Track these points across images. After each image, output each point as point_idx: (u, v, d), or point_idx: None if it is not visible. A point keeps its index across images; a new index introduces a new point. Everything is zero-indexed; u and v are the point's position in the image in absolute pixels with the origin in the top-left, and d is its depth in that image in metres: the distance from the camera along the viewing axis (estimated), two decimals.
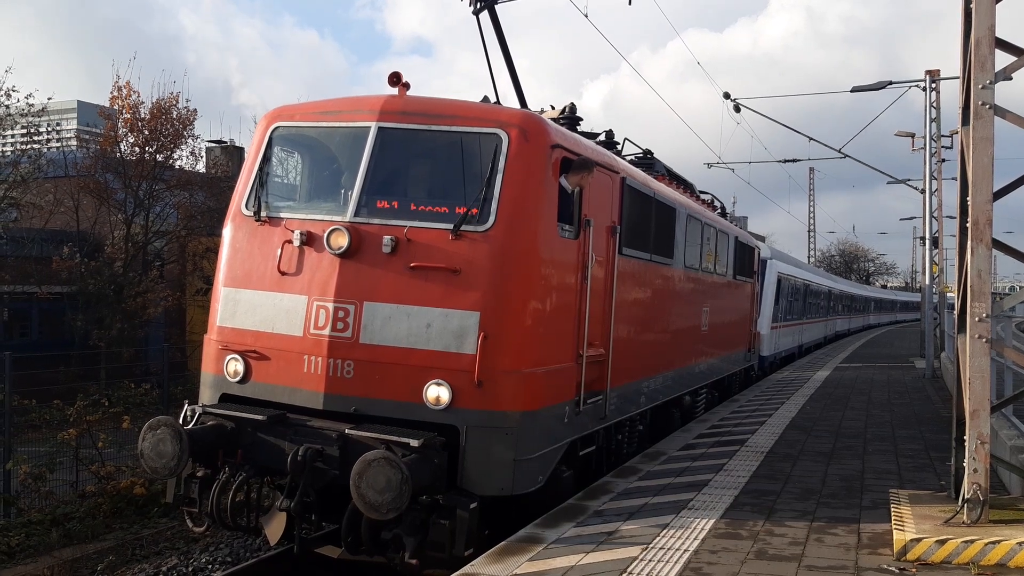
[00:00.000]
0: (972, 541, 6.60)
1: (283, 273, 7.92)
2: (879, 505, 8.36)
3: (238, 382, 8.09)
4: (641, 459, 10.88)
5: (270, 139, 8.58)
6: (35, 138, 26.91)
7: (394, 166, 8.06)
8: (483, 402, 7.30)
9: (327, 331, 7.57)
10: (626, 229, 9.76)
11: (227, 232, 8.50)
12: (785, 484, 9.38)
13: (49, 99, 25.80)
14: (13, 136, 27.96)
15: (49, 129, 32.00)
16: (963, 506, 7.21)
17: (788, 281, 28.99)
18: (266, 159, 8.51)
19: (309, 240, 7.85)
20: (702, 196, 16.30)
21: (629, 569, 6.30)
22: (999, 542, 6.56)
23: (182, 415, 7.92)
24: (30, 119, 25.26)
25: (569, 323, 8.35)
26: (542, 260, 7.81)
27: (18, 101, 24.39)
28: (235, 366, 8.10)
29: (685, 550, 6.80)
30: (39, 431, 14.91)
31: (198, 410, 7.93)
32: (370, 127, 7.99)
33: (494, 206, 7.59)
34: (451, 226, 7.55)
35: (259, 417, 7.60)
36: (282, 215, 8.21)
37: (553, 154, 8.04)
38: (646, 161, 13.16)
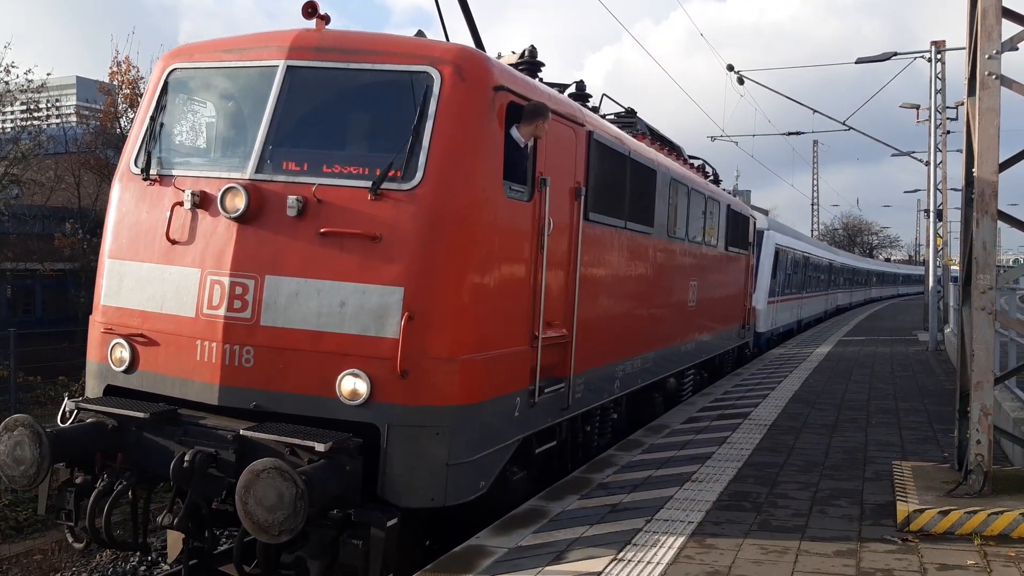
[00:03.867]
0: (975, 512, 6.63)
1: (173, 242, 6.73)
2: (882, 477, 8.39)
3: (124, 371, 6.92)
4: (644, 432, 10.92)
5: (165, 83, 7.31)
6: (35, 114, 26.85)
7: (306, 112, 6.89)
8: (408, 396, 6.20)
9: (222, 311, 6.41)
10: (594, 192, 8.62)
11: (114, 194, 7.30)
12: (788, 456, 9.42)
13: (48, 75, 25.73)
14: (13, 112, 27.88)
15: (49, 105, 31.89)
16: (966, 477, 7.24)
17: (786, 253, 27.98)
18: (160, 107, 7.25)
19: (203, 202, 6.64)
20: (692, 162, 15.30)
21: (633, 541, 6.34)
22: (1002, 513, 6.58)
23: (60, 411, 6.87)
24: (29, 95, 25.19)
25: (521, 300, 7.22)
26: (483, 224, 6.64)
27: (17, 77, 24.32)
28: (120, 352, 6.92)
29: (689, 522, 6.84)
30: (44, 407, 14.99)
31: (78, 405, 6.77)
32: (278, 66, 6.77)
33: (422, 159, 6.40)
34: (370, 184, 6.36)
35: (140, 414, 6.40)
36: (174, 173, 6.96)
37: (497, 98, 6.83)
38: (626, 120, 12.03)
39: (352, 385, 6.24)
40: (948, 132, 28.87)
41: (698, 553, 6.11)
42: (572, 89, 9.80)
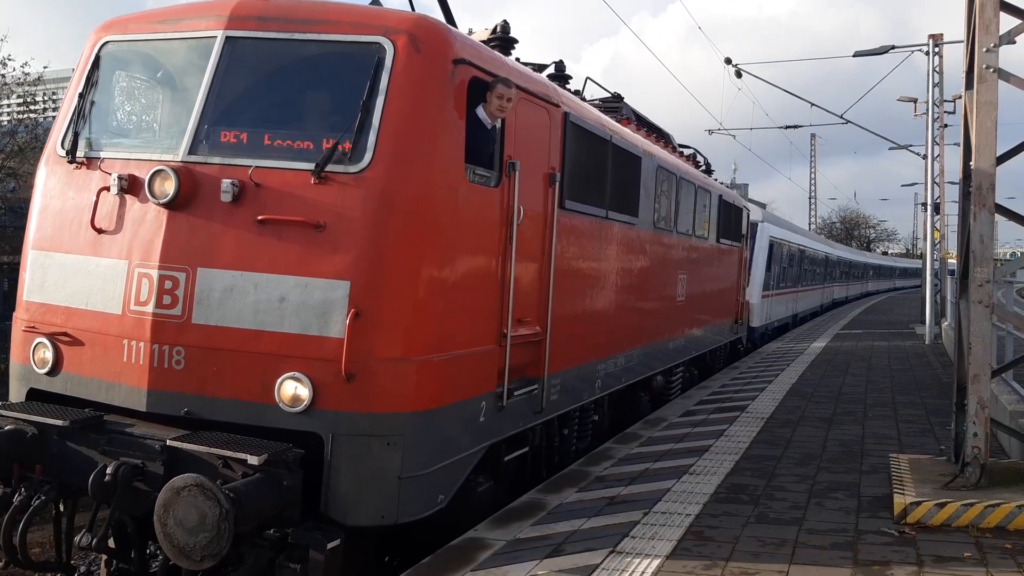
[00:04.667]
0: (971, 504, 6.65)
1: (99, 231, 6.14)
2: (879, 470, 8.42)
3: (47, 373, 6.31)
4: (642, 425, 10.94)
5: (96, 58, 6.72)
6: (32, 107, 26.82)
7: (246, 88, 6.29)
8: (355, 401, 5.64)
9: (150, 308, 5.82)
10: (570, 178, 8.05)
11: (39, 178, 6.74)
12: (786, 449, 9.44)
13: (45, 67, 25.70)
14: (9, 106, 27.85)
15: (45, 98, 31.87)
16: (963, 470, 7.26)
17: (781, 246, 27.35)
18: (90, 84, 6.67)
19: (131, 187, 6.05)
20: (683, 151, 14.75)
21: (631, 533, 6.36)
22: (998, 505, 6.61)
23: None
24: (26, 88, 25.16)
25: (486, 295, 6.64)
26: (441, 211, 6.05)
27: (14, 70, 24.29)
28: (43, 353, 6.31)
29: (687, 514, 6.86)
30: None
31: None
32: (215, 37, 6.18)
33: (372, 139, 5.82)
34: (312, 166, 5.77)
35: (60, 422, 5.79)
36: (102, 155, 6.37)
37: (458, 72, 6.23)
38: (611, 105, 11.49)
39: (293, 390, 5.66)
40: (946, 126, 28.92)
41: (696, 546, 6.13)
42: (551, 70, 9.19)
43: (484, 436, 6.69)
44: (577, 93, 9.68)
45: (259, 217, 5.80)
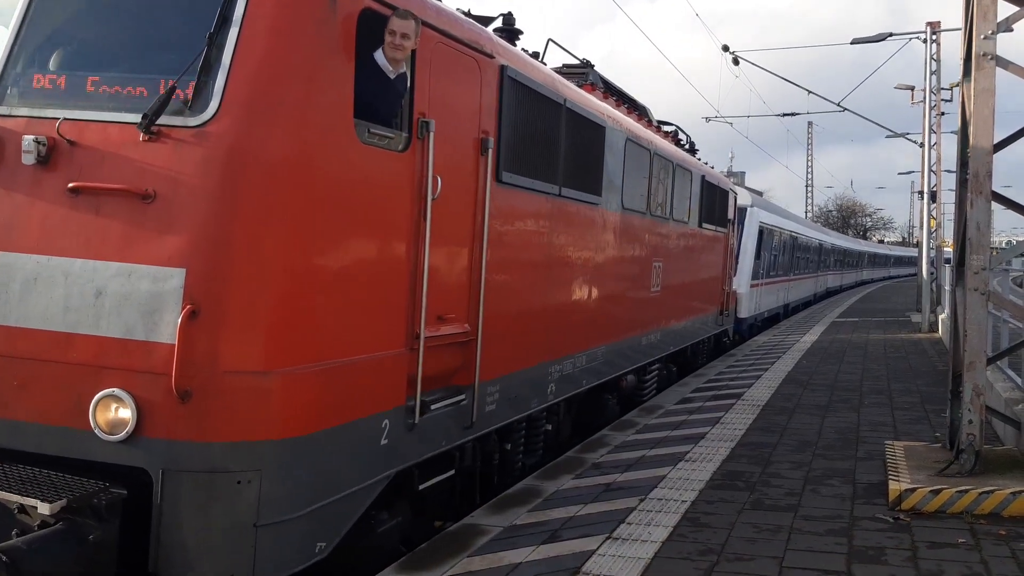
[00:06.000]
0: (966, 491, 6.68)
1: None
2: (874, 457, 8.45)
3: None
4: (638, 413, 10.97)
5: None
6: None
7: (66, 18, 5.11)
8: (194, 427, 4.43)
9: None
10: (510, 146, 6.86)
11: None
12: (781, 437, 9.47)
13: None
14: None
15: None
16: (958, 457, 7.29)
17: (772, 232, 25.90)
18: None
19: None
20: (664, 128, 13.66)
21: (627, 519, 6.38)
22: (993, 492, 6.64)
23: None
24: None
25: (391, 287, 5.42)
26: (317, 178, 4.80)
27: None
28: None
29: (683, 501, 6.88)
30: None
31: None
32: None
33: (220, 82, 4.56)
34: (139, 117, 4.51)
35: None
36: None
37: (343, 1, 4.95)
38: (577, 71, 10.41)
39: (111, 412, 4.43)
40: (943, 114, 28.95)
41: (691, 532, 6.15)
42: (499, 23, 7.93)
43: (387, 463, 5.43)
44: (536, 56, 8.52)
45: (71, 185, 4.58)
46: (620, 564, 5.48)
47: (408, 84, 5.47)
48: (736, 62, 26.46)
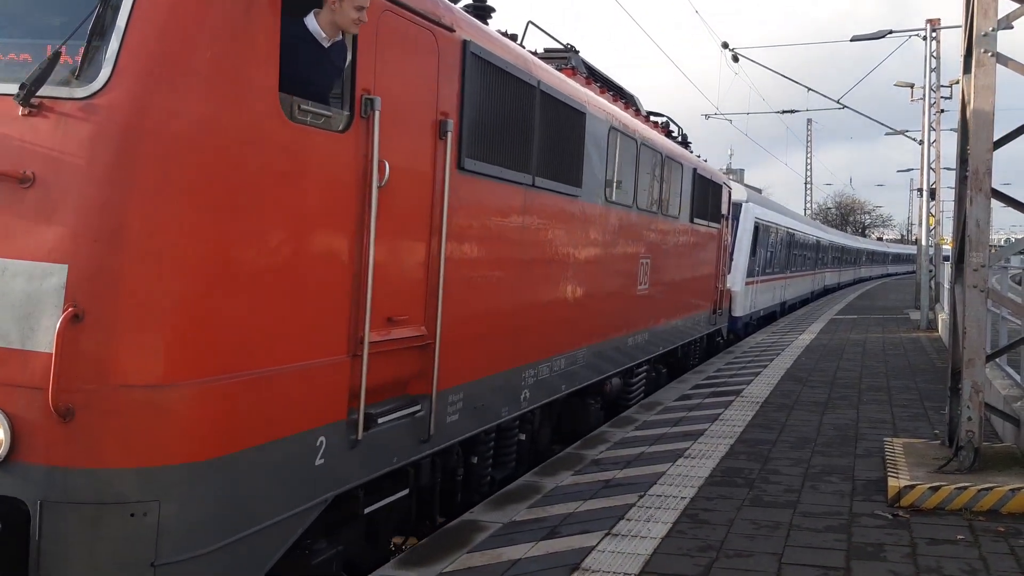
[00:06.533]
0: (965, 488, 6.69)
1: None
2: (873, 453, 8.46)
3: None
4: (637, 409, 10.98)
5: None
6: None
7: None
8: (77, 451, 3.82)
9: None
10: (474, 130, 6.31)
11: None
12: (780, 433, 9.48)
13: None
14: None
15: None
16: (957, 453, 7.31)
17: (767, 229, 25.25)
18: None
19: None
20: (655, 119, 13.21)
21: (627, 516, 6.38)
22: (992, 489, 6.65)
23: None
24: None
25: (328, 285, 4.81)
26: (236, 160, 4.18)
27: None
28: None
29: (682, 497, 6.88)
30: None
31: None
32: None
33: (113, 48, 3.95)
34: (17, 88, 3.90)
35: None
36: None
37: None
38: (558, 55, 9.86)
39: None
40: (942, 111, 28.95)
41: (691, 528, 6.15)
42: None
43: (323, 485, 4.86)
44: (514, 38, 8.04)
45: None
46: (619, 560, 5.48)
47: (349, 56, 4.89)
48: (736, 59, 26.45)
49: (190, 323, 4.01)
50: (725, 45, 26.42)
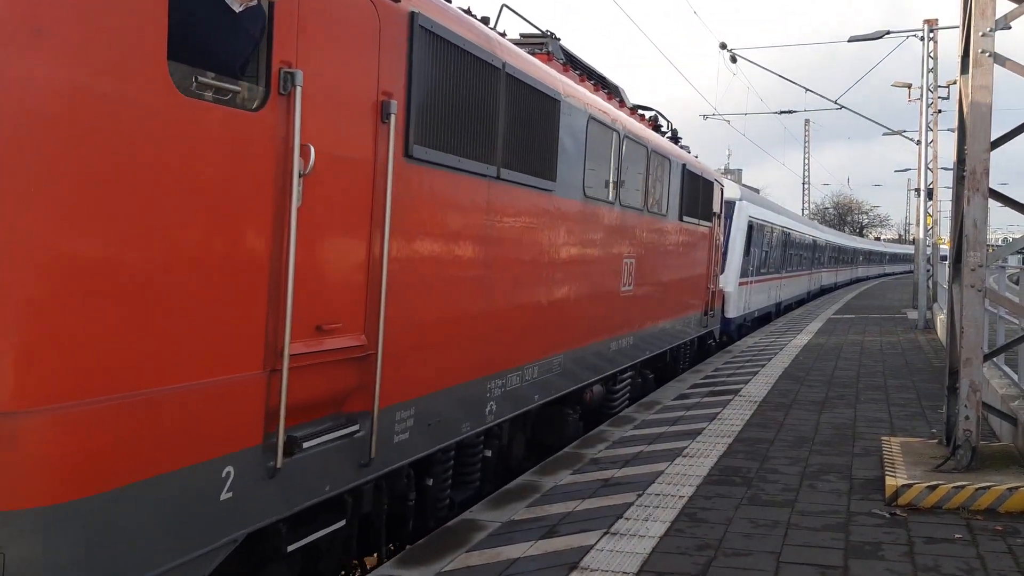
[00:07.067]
0: (963, 487, 6.70)
1: None
2: (870, 453, 8.47)
3: None
4: (635, 408, 10.99)
5: None
6: None
7: None
8: None
9: None
10: (424, 115, 5.64)
11: None
12: (778, 432, 9.49)
13: None
14: None
15: None
16: (954, 452, 7.32)
17: (762, 228, 24.66)
18: None
19: None
20: (644, 114, 12.70)
21: (625, 515, 6.39)
22: (989, 487, 6.66)
23: None
24: None
25: (237, 289, 4.16)
26: (109, 139, 3.50)
27: None
28: None
29: (681, 496, 6.90)
30: None
31: None
32: None
33: None
34: None
35: None
36: None
37: None
38: (534, 40, 9.28)
39: None
40: (939, 111, 28.99)
41: (689, 527, 6.16)
42: None
43: (232, 522, 4.22)
44: (486, 21, 7.48)
45: None
46: (618, 559, 5.49)
47: (263, 23, 4.27)
48: (734, 59, 26.47)
49: (46, 337, 3.31)
50: (723, 46, 26.44)
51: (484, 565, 5.46)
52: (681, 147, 14.60)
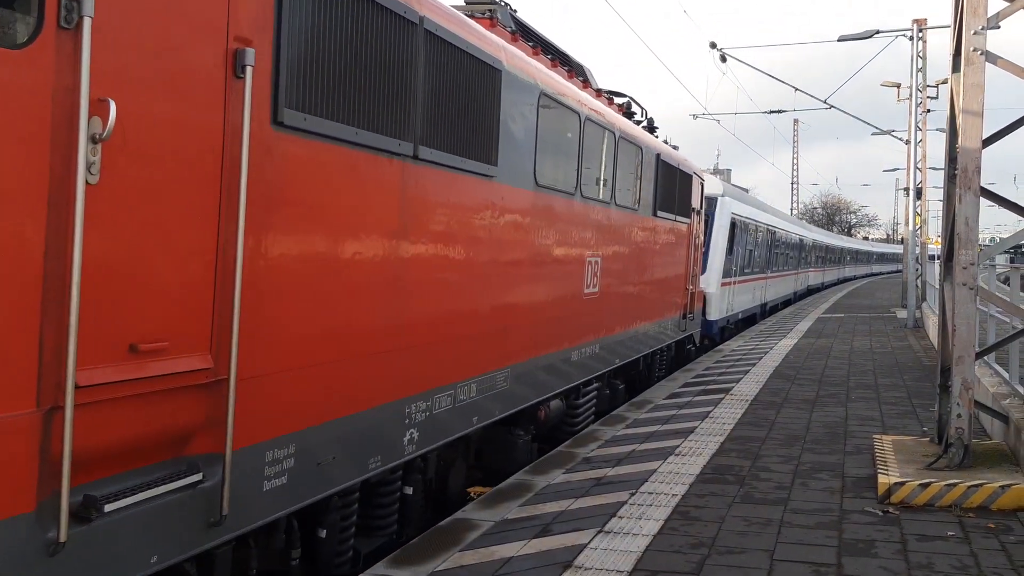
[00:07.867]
0: (955, 484, 6.71)
1: None
2: (862, 451, 8.48)
3: None
4: (627, 407, 10.98)
5: None
6: None
7: None
8: None
9: None
10: (302, 71, 4.49)
11: None
12: (770, 431, 9.50)
13: None
14: None
15: None
16: (946, 450, 7.34)
17: (746, 226, 23.67)
18: None
19: None
20: (616, 100, 11.80)
21: (618, 513, 6.38)
22: (981, 485, 6.67)
23: None
24: None
25: None
26: None
27: None
28: None
29: (674, 495, 6.89)
30: None
31: None
32: None
33: None
34: None
35: None
36: None
37: None
38: (480, 4, 8.31)
39: None
40: (928, 111, 29.12)
41: (682, 525, 6.15)
42: None
43: None
44: None
45: None
46: (612, 557, 5.48)
47: None
48: (723, 59, 26.51)
49: None
50: (713, 45, 26.49)
51: (478, 564, 5.44)
52: (668, 145, 14.07)
